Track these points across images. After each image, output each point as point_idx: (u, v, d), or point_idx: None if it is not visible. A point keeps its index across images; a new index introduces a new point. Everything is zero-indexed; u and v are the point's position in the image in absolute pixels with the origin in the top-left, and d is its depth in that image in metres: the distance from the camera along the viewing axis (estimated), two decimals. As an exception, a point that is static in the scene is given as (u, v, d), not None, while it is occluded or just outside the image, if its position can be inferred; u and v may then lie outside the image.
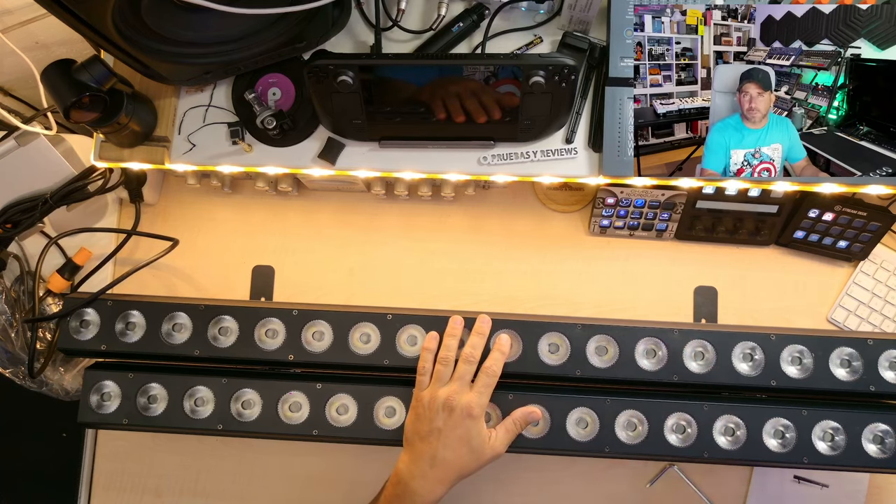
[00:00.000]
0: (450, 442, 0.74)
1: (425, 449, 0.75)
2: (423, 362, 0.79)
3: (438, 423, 0.75)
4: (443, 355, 0.78)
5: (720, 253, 0.97)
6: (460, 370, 0.77)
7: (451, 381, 0.77)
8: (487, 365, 0.78)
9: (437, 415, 0.75)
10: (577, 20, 0.78)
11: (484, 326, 0.80)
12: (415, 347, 0.81)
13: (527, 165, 0.79)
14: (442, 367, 0.77)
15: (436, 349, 0.79)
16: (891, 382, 0.79)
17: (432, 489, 0.74)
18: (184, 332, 0.83)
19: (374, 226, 1.00)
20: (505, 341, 0.79)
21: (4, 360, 0.91)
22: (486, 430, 0.76)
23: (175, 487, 0.97)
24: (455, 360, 0.78)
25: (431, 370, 0.78)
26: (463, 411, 0.75)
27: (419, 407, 0.77)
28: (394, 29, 0.80)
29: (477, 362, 0.78)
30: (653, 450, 0.79)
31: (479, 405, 0.75)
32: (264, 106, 0.78)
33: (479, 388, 0.76)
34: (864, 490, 0.93)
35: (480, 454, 0.75)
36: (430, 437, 0.75)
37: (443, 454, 0.74)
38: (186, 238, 0.97)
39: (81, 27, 0.64)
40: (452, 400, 0.75)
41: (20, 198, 0.88)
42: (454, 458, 0.75)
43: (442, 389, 0.76)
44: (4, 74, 0.93)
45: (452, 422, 0.75)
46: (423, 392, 0.77)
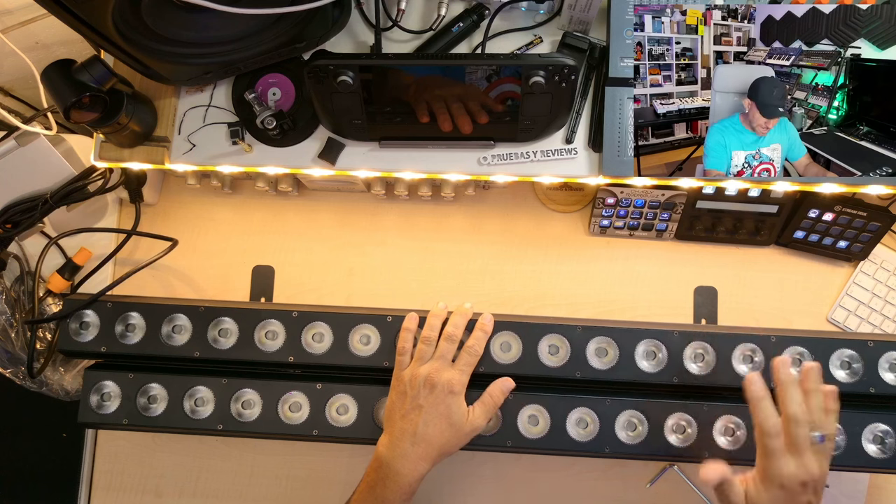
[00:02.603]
0: (431, 418, 0.74)
1: (406, 427, 0.75)
2: (403, 342, 0.79)
3: (420, 401, 0.75)
4: (425, 335, 0.78)
5: (720, 253, 0.97)
6: (441, 348, 0.77)
7: (432, 359, 0.77)
8: (470, 344, 0.78)
9: (419, 392, 0.75)
10: (577, 20, 0.78)
11: (466, 309, 0.81)
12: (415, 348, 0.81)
13: (527, 165, 0.79)
14: (424, 346, 0.78)
15: (415, 330, 0.80)
16: (891, 384, 0.79)
17: (415, 467, 0.74)
18: (184, 334, 0.83)
19: (374, 226, 1.00)
20: (488, 320, 0.80)
21: (4, 360, 0.91)
22: (465, 407, 0.76)
23: (175, 487, 0.97)
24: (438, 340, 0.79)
25: (412, 351, 0.79)
26: (444, 388, 0.75)
27: (400, 386, 0.77)
28: (394, 29, 0.80)
29: (458, 341, 0.79)
30: (653, 450, 0.79)
31: (459, 382, 0.76)
32: (264, 106, 0.78)
33: (460, 365, 0.77)
34: (864, 490, 0.93)
35: (460, 429, 0.75)
36: (412, 413, 0.75)
37: (423, 430, 0.74)
38: (186, 238, 0.97)
39: (81, 27, 0.64)
40: (434, 377, 0.75)
41: (20, 198, 0.87)
42: (436, 434, 0.74)
43: (423, 367, 0.76)
44: (4, 74, 0.93)
45: (434, 398, 0.75)
46: (404, 371, 0.77)
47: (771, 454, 0.67)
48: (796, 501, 0.66)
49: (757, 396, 0.69)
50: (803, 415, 0.67)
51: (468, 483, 0.76)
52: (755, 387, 0.69)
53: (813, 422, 0.67)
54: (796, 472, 0.66)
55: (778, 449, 0.66)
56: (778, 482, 0.66)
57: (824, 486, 0.68)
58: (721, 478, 0.68)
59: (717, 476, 0.68)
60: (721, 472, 0.68)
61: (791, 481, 0.65)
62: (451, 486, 0.95)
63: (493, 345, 0.80)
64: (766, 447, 0.67)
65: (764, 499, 0.66)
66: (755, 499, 0.67)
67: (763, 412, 0.68)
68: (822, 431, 0.67)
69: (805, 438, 0.66)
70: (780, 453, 0.66)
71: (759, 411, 0.68)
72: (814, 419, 0.67)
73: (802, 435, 0.66)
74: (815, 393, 0.69)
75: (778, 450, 0.66)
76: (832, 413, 0.69)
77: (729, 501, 0.68)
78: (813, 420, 0.67)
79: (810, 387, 0.69)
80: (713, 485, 0.69)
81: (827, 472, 0.67)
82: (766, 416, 0.68)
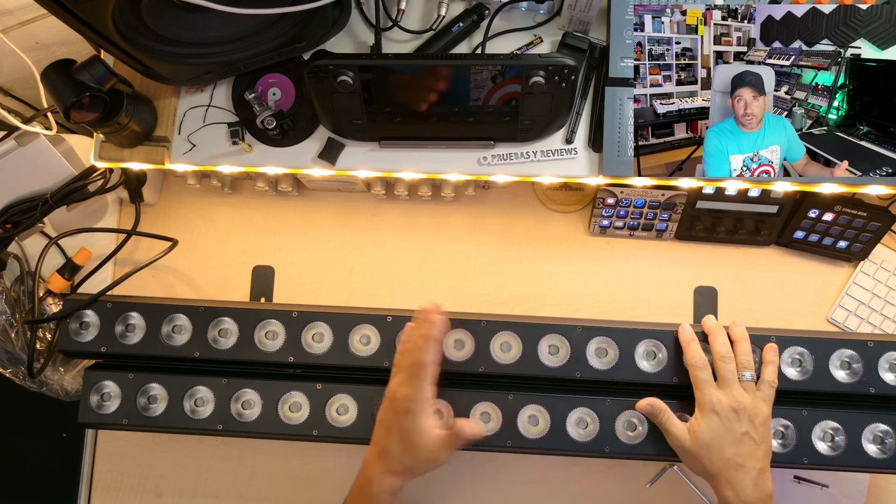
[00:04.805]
0: (393, 435, 0.72)
1: (379, 437, 0.74)
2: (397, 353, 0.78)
3: (385, 413, 0.74)
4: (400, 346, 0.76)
5: (720, 253, 0.97)
6: (397, 360, 0.74)
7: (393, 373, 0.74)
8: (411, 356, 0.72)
9: (387, 406, 0.73)
10: (577, 20, 0.78)
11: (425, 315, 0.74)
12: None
13: (527, 165, 0.79)
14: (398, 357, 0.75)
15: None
16: (891, 384, 0.78)
17: (382, 479, 0.72)
18: (184, 334, 0.83)
19: (374, 226, 1.00)
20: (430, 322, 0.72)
21: (4, 360, 0.91)
22: (428, 431, 0.71)
23: (175, 487, 0.97)
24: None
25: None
26: (400, 406, 0.72)
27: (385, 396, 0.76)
28: (394, 29, 0.80)
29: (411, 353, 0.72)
30: (653, 450, 0.79)
31: (414, 399, 0.70)
32: (264, 106, 0.78)
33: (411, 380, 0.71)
34: (864, 490, 0.93)
35: (416, 453, 0.71)
36: (381, 426, 0.74)
37: (386, 445, 0.72)
38: (186, 238, 0.97)
39: (81, 27, 0.64)
40: (392, 392, 0.73)
41: (20, 198, 0.87)
42: (396, 452, 0.72)
43: (391, 380, 0.74)
44: (4, 74, 0.93)
45: (394, 414, 0.72)
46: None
47: (701, 385, 0.75)
48: (733, 429, 0.73)
49: (687, 338, 0.78)
50: (727, 351, 0.76)
51: (468, 483, 0.76)
52: (686, 332, 0.78)
53: (740, 363, 0.76)
54: (725, 399, 0.74)
55: (705, 379, 0.75)
56: (710, 409, 0.74)
57: (769, 428, 0.75)
58: (651, 405, 0.77)
59: (646, 403, 0.77)
60: (650, 401, 0.77)
61: (721, 406, 0.73)
62: (451, 486, 0.95)
63: (493, 345, 0.80)
64: (696, 379, 0.76)
65: (702, 425, 0.74)
66: (695, 429, 0.74)
67: (691, 350, 0.77)
68: (752, 373, 0.76)
69: (731, 372, 0.75)
70: (708, 383, 0.75)
71: (688, 351, 0.77)
72: (740, 361, 0.76)
73: (728, 369, 0.75)
74: (742, 342, 0.77)
75: (705, 380, 0.75)
76: (768, 364, 0.77)
77: (671, 434, 0.76)
78: (740, 362, 0.76)
79: (737, 336, 0.77)
80: (645, 412, 0.78)
81: (765, 413, 0.74)
82: (693, 353, 0.77)
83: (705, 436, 0.73)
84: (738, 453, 0.73)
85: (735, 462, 0.72)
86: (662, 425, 0.77)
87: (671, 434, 0.76)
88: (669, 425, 0.76)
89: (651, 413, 0.77)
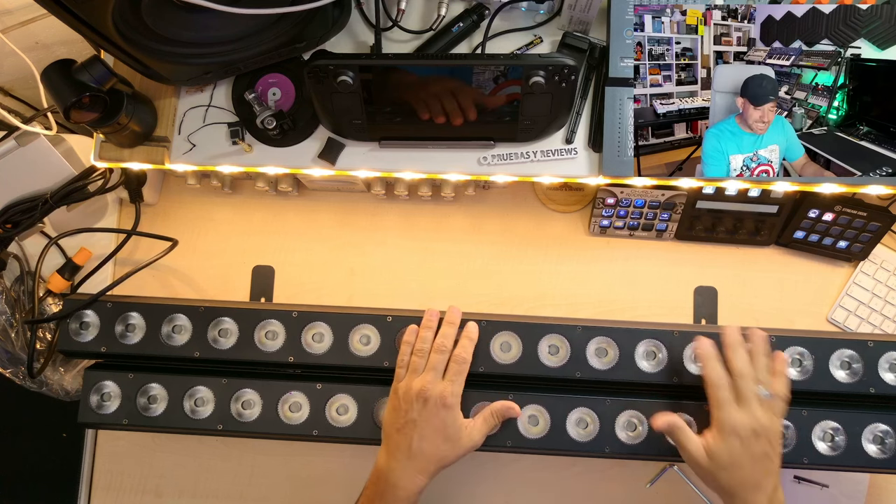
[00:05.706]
0: (426, 433, 0.74)
1: (402, 441, 0.74)
2: (402, 355, 0.78)
3: (413, 415, 0.74)
4: (418, 347, 0.78)
5: (720, 253, 0.97)
6: (432, 360, 0.76)
7: (424, 371, 0.76)
8: (456, 353, 0.77)
9: (412, 406, 0.74)
10: (577, 20, 0.78)
11: (454, 316, 0.80)
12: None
13: (527, 165, 0.79)
14: (416, 359, 0.77)
15: (414, 342, 0.79)
16: (891, 384, 0.78)
17: (412, 480, 0.73)
18: (184, 334, 0.83)
19: (374, 226, 1.00)
20: (473, 328, 0.79)
21: (4, 360, 0.91)
22: (462, 420, 0.75)
23: (175, 487, 0.97)
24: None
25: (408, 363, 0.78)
26: (437, 401, 0.74)
27: (395, 399, 0.76)
28: (394, 29, 0.80)
29: (449, 351, 0.77)
30: (653, 450, 0.79)
31: (452, 394, 0.75)
32: (264, 106, 0.78)
33: (450, 376, 0.76)
34: (864, 490, 0.93)
35: (457, 443, 0.75)
36: (406, 428, 0.74)
37: (419, 445, 0.74)
38: (186, 238, 0.97)
39: (81, 27, 0.64)
40: (426, 391, 0.74)
41: (20, 198, 0.87)
42: (431, 449, 0.74)
43: (416, 380, 0.76)
44: (4, 74, 0.93)
45: (427, 412, 0.74)
46: (399, 384, 0.77)
47: (721, 405, 0.72)
48: (752, 451, 0.70)
49: (706, 355, 0.74)
50: (748, 369, 0.73)
51: (468, 483, 0.76)
52: (704, 347, 0.75)
53: (758, 378, 0.73)
54: (747, 420, 0.70)
55: (726, 399, 0.72)
56: (731, 430, 0.70)
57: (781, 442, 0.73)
58: (668, 423, 0.74)
59: (663, 422, 0.75)
60: (668, 418, 0.75)
61: (743, 429, 0.70)
62: (451, 486, 0.95)
63: (493, 345, 0.80)
64: (716, 398, 0.72)
65: (722, 449, 0.70)
66: (714, 450, 0.71)
67: (711, 368, 0.73)
68: (769, 389, 0.72)
69: (751, 391, 0.72)
70: (728, 403, 0.71)
71: (707, 368, 0.74)
72: (759, 376, 0.73)
73: (748, 388, 0.72)
74: (760, 356, 0.74)
75: (726, 400, 0.72)
76: (780, 375, 0.74)
77: (687, 451, 0.73)
78: (758, 377, 0.73)
79: (756, 349, 0.75)
80: (663, 430, 0.75)
81: (779, 429, 0.72)
82: (713, 370, 0.73)
83: (724, 458, 0.70)
84: (755, 472, 0.70)
85: (752, 481, 0.70)
86: (678, 441, 0.74)
87: (688, 451, 0.73)
88: (687, 442, 0.73)
89: (668, 432, 0.75)
